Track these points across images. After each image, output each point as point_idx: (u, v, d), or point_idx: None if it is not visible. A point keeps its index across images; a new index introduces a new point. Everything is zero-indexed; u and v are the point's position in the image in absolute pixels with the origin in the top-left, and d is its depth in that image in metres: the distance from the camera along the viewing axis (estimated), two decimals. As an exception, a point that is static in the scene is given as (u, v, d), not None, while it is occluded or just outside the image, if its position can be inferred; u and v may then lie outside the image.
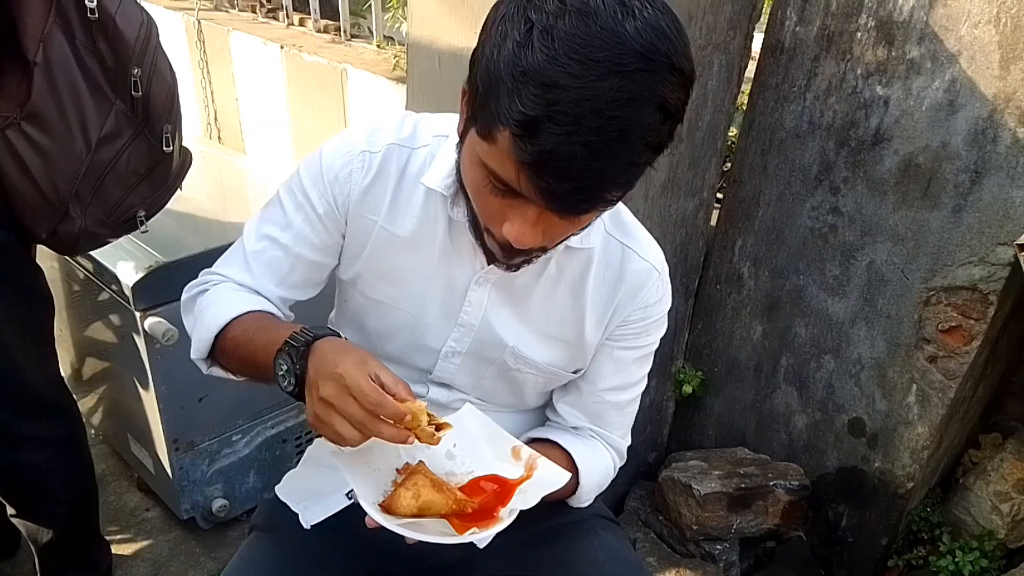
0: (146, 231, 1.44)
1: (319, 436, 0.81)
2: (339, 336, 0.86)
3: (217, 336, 0.95)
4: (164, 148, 1.37)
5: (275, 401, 1.99)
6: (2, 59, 1.20)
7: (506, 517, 0.81)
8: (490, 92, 0.72)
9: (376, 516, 0.79)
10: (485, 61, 0.72)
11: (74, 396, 1.61)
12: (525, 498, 0.84)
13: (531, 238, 0.79)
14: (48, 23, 1.20)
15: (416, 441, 0.78)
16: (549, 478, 0.88)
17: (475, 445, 0.91)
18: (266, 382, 0.90)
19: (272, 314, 0.98)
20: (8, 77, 1.21)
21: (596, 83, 0.67)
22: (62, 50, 1.22)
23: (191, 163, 1.51)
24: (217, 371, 1.00)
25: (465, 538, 0.79)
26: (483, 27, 0.76)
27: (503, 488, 0.86)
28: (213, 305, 0.96)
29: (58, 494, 1.58)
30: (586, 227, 0.86)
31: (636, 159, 0.72)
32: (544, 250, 0.87)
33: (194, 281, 1.04)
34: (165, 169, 1.41)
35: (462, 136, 0.83)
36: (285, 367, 0.83)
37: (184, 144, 1.47)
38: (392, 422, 0.77)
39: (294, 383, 0.82)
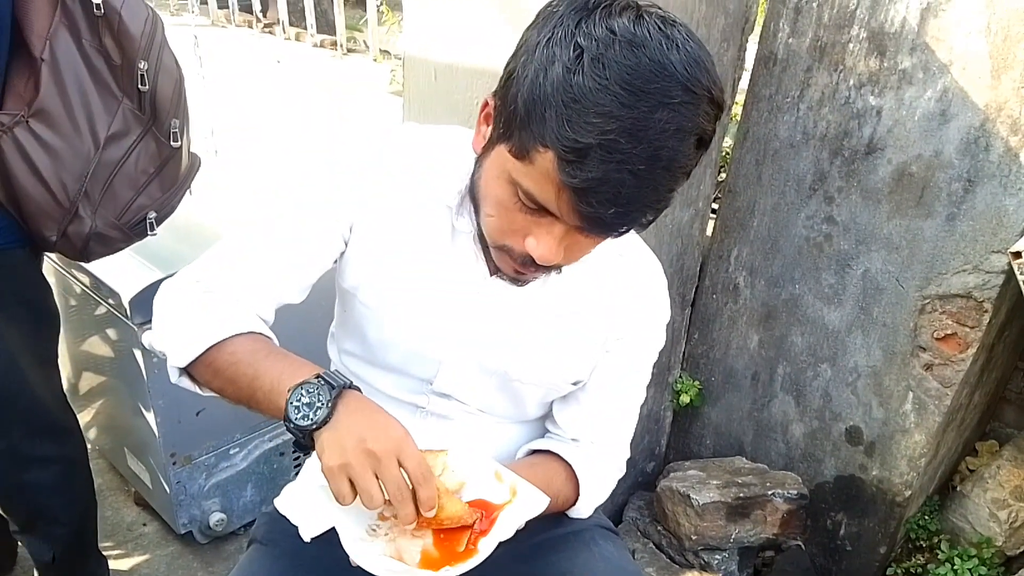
0: (155, 235, 1.43)
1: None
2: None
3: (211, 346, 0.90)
4: (172, 143, 1.36)
5: (273, 414, 1.98)
6: (9, 57, 1.20)
7: (485, 549, 0.82)
8: (533, 113, 0.73)
9: (356, 558, 0.79)
10: (529, 82, 0.73)
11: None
12: (508, 525, 0.85)
13: (556, 255, 0.81)
14: (54, 21, 1.20)
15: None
16: (530, 502, 0.88)
17: (461, 472, 0.92)
18: (247, 404, 0.88)
19: (271, 340, 0.95)
20: (16, 75, 1.21)
21: (648, 115, 0.69)
22: (68, 48, 1.22)
23: (200, 167, 1.50)
24: (186, 382, 0.95)
25: (440, 575, 0.80)
26: (522, 46, 0.76)
27: (487, 513, 0.87)
28: (216, 313, 0.92)
29: (60, 514, 1.57)
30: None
31: (674, 186, 0.76)
32: (559, 267, 0.88)
33: (181, 279, 0.97)
34: (174, 169, 1.40)
35: (484, 151, 0.84)
36: (307, 399, 0.79)
37: (192, 150, 1.47)
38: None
39: (312, 419, 0.79)
